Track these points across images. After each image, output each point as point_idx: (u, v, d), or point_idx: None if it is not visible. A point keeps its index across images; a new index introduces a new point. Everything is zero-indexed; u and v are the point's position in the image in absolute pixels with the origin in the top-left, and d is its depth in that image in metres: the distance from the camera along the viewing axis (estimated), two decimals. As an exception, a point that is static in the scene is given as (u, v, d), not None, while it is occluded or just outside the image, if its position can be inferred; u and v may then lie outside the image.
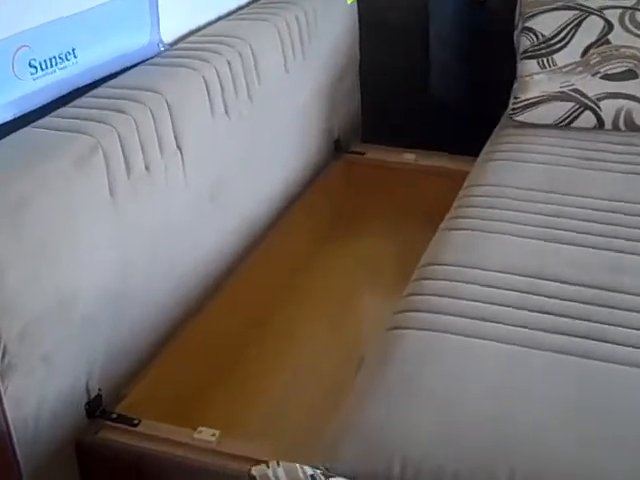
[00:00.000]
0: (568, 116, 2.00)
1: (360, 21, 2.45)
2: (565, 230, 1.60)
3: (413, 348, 1.32)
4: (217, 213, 1.80)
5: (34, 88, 1.50)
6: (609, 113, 1.99)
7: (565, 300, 1.39)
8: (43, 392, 1.34)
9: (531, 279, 1.45)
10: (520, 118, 2.04)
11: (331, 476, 0.99)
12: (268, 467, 0.99)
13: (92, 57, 1.61)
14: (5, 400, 1.26)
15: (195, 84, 1.69)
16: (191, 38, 1.89)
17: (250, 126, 1.88)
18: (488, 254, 1.54)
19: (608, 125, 2.00)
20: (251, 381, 1.80)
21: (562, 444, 1.11)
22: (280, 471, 0.98)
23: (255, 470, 0.99)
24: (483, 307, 1.39)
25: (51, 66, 1.54)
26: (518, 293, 1.42)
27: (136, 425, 1.44)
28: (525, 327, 1.34)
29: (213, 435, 1.41)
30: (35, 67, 1.50)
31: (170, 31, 1.81)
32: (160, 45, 1.76)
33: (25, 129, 1.43)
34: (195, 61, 1.73)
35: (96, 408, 1.46)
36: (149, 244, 1.57)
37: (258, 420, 1.68)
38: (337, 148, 2.41)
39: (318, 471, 1.00)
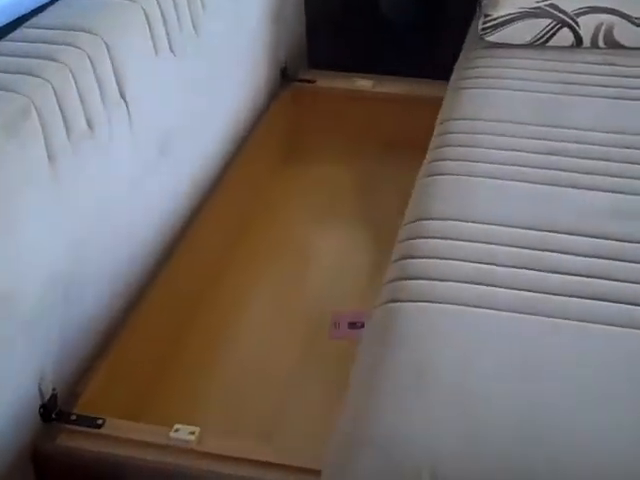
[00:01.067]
0: (544, 34, 1.82)
1: None
2: (562, 170, 1.44)
3: (416, 328, 1.14)
4: (168, 165, 1.59)
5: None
6: (588, 30, 1.81)
7: (579, 256, 1.24)
8: (-10, 404, 1.15)
9: (536, 232, 1.28)
10: (491, 38, 1.85)
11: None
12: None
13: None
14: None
15: (134, 18, 1.45)
16: None
17: (197, 62, 1.66)
18: (481, 203, 1.37)
19: (586, 43, 1.83)
20: (217, 355, 1.62)
21: (618, 444, 0.97)
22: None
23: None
24: (487, 270, 1.22)
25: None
26: (525, 250, 1.25)
27: (100, 426, 1.26)
28: (540, 292, 1.18)
29: (192, 433, 1.24)
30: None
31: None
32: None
33: None
34: None
35: (52, 410, 1.27)
36: (98, 213, 1.36)
37: (234, 401, 1.52)
38: (284, 76, 2.19)
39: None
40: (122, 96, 1.39)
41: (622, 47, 1.82)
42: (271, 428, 1.46)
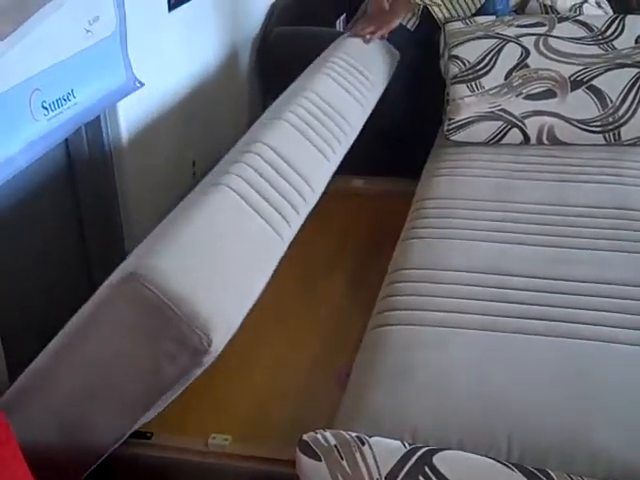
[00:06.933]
0: (498, 134, 2.23)
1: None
2: (512, 232, 1.81)
3: (398, 342, 1.50)
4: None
5: (49, 128, 1.57)
6: (533, 129, 2.22)
7: (522, 290, 1.60)
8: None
9: (491, 275, 1.65)
10: (455, 137, 2.26)
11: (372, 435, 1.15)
12: (317, 433, 1.15)
13: (87, 96, 1.69)
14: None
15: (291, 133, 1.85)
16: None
17: None
18: (450, 257, 1.74)
19: (533, 140, 2.24)
20: (237, 386, 1.89)
21: (549, 406, 1.31)
22: (328, 435, 1.14)
23: (306, 436, 1.14)
24: (454, 302, 1.58)
25: (59, 107, 1.60)
26: (483, 288, 1.61)
27: (149, 438, 1.57)
28: (492, 315, 1.54)
29: (226, 440, 1.55)
30: (46, 108, 1.56)
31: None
32: (136, 82, 1.86)
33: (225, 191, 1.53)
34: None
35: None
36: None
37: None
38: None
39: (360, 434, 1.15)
40: None
41: (563, 143, 2.23)
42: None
